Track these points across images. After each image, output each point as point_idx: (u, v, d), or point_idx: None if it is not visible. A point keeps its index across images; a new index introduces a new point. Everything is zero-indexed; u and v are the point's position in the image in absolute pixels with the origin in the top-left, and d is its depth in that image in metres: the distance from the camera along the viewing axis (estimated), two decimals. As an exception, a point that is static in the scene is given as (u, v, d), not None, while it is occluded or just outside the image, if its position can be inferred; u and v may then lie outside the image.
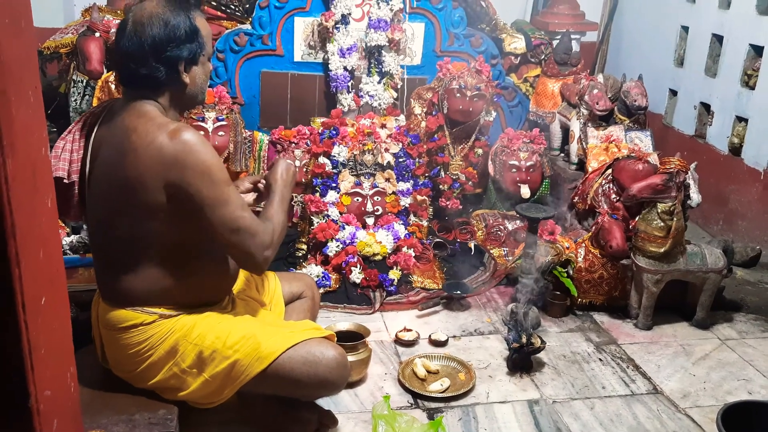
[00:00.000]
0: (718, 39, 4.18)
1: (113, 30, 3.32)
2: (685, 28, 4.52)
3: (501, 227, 3.76)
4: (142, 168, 1.78)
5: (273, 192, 2.13)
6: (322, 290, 3.17)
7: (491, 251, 3.65)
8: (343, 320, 2.88)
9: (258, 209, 2.14)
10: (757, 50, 3.86)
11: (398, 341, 2.91)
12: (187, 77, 1.91)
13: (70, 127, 2.07)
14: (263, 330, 2.03)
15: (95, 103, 3.38)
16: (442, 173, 3.86)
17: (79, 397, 1.44)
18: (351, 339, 2.58)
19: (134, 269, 1.92)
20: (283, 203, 2.11)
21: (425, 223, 3.68)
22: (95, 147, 1.94)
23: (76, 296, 2.63)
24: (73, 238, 3.13)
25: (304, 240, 3.51)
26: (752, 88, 3.87)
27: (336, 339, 2.14)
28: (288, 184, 2.16)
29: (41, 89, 1.20)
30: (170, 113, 1.94)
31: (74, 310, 2.54)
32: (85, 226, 3.27)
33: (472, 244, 3.68)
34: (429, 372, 2.67)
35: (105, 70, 3.37)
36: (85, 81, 3.45)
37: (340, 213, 3.50)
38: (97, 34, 3.32)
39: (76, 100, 3.49)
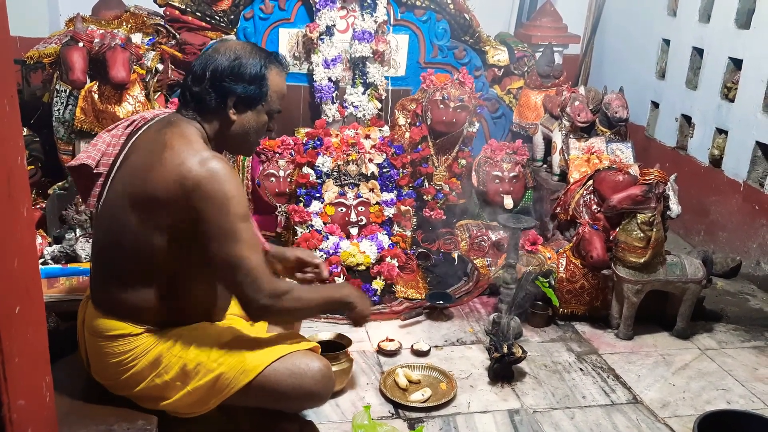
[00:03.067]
0: (698, 52, 4.24)
1: (97, 40, 3.31)
2: (667, 41, 4.58)
3: (484, 237, 3.78)
4: (164, 185, 1.79)
5: (336, 288, 2.22)
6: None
7: (474, 261, 3.66)
8: (326, 330, 2.88)
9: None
10: (737, 63, 3.92)
11: (380, 351, 2.91)
12: (235, 115, 1.93)
13: (117, 123, 2.10)
14: (248, 343, 2.02)
15: (78, 112, 3.37)
16: (426, 184, 3.89)
17: (56, 407, 1.44)
18: (333, 349, 2.58)
19: (130, 282, 1.91)
20: (323, 304, 2.10)
21: (409, 234, 3.70)
22: (130, 150, 1.95)
23: (56, 306, 2.62)
24: (55, 248, 3.11)
25: (287, 250, 3.51)
26: (732, 100, 3.92)
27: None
28: (344, 305, 2.12)
29: (19, 98, 1.21)
30: (212, 145, 1.94)
31: (55, 320, 2.53)
32: (69, 234, 3.26)
33: (455, 255, 3.71)
34: (411, 382, 2.68)
35: (88, 80, 3.36)
36: (68, 91, 3.44)
37: (324, 223, 3.51)
38: (81, 44, 3.30)
39: (59, 109, 3.47)
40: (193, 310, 2.01)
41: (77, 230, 3.29)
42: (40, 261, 3.01)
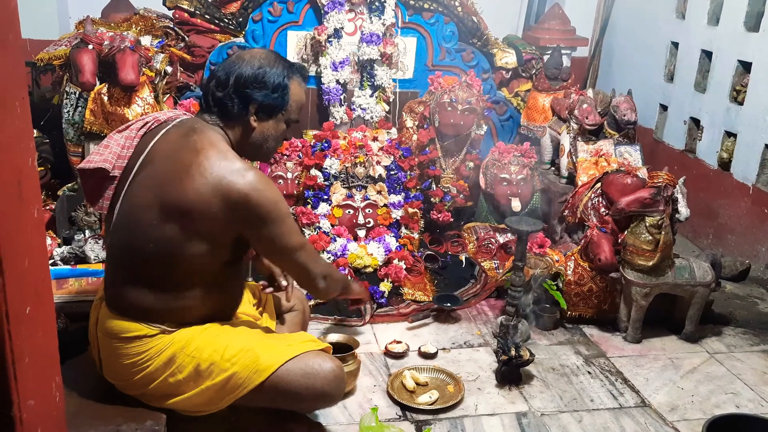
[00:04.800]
0: (707, 55, 4.23)
1: (106, 42, 3.33)
2: (675, 44, 4.57)
3: (492, 240, 3.77)
4: (202, 197, 1.82)
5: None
6: (312, 302, 3.17)
7: (482, 264, 3.66)
8: (334, 332, 2.89)
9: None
10: (746, 66, 3.90)
11: (388, 353, 2.91)
12: (256, 122, 1.98)
13: (128, 124, 2.10)
14: (261, 343, 2.04)
15: (87, 114, 3.39)
16: (434, 186, 3.88)
17: (65, 407, 1.44)
18: (340, 351, 2.58)
19: (148, 285, 1.92)
20: (342, 286, 2.30)
21: (416, 236, 3.70)
22: (150, 154, 1.96)
23: (66, 307, 2.64)
24: (64, 249, 3.13)
25: (295, 252, 3.52)
26: (741, 103, 3.91)
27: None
28: (352, 292, 2.44)
29: (29, 100, 1.21)
30: (234, 151, 1.99)
31: (64, 321, 2.54)
32: (78, 235, 3.27)
33: (463, 257, 3.70)
34: (418, 384, 2.68)
35: (97, 82, 3.37)
36: (77, 93, 3.45)
37: (332, 225, 3.52)
38: (90, 47, 3.32)
39: (68, 111, 3.49)
40: (207, 311, 2.02)
41: (86, 231, 3.31)
42: (50, 262, 3.02)
